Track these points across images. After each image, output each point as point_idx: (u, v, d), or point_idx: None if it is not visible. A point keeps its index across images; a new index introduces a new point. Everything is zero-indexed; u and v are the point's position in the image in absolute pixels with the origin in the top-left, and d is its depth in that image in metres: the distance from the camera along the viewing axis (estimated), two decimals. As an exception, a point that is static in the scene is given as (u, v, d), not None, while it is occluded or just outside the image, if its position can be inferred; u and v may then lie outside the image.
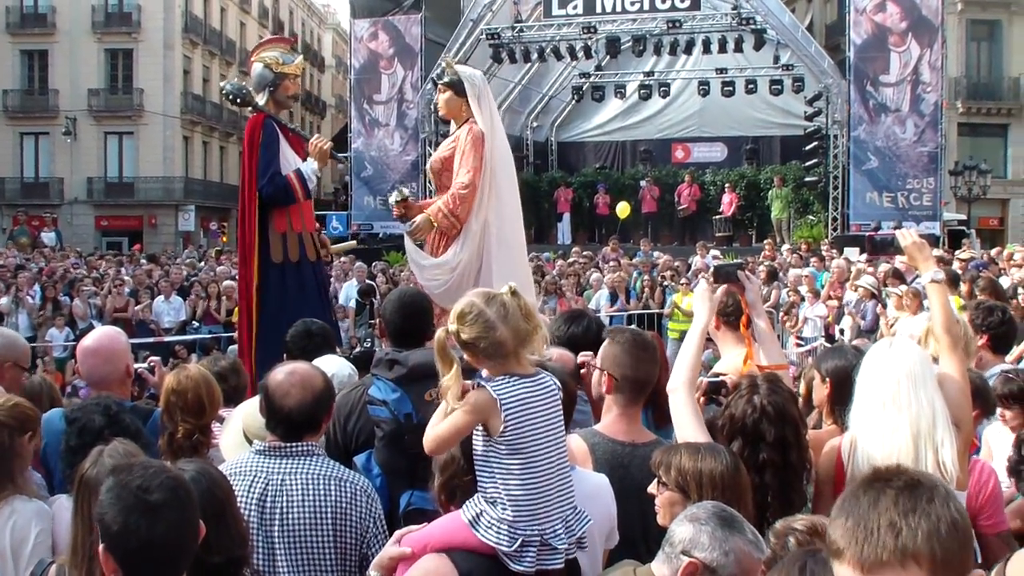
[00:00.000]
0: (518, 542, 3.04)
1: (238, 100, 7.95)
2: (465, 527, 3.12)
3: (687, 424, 3.90)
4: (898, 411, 3.70)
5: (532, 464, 3.08)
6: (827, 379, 4.37)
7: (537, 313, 3.30)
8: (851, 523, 1.99)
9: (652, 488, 3.41)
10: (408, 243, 7.42)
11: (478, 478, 3.18)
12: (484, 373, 3.20)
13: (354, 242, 22.94)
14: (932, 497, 1.99)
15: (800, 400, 4.38)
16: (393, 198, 7.51)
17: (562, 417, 3.24)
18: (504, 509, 3.07)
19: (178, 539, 2.60)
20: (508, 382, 3.15)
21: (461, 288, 6.53)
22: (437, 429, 3.25)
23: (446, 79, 7.42)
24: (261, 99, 7.86)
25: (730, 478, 3.29)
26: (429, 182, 6.81)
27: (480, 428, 3.17)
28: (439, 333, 3.20)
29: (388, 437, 4.50)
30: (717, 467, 3.26)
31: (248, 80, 8.26)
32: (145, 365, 5.73)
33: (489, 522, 3.08)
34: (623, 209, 30.42)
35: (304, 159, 7.77)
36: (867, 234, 24.44)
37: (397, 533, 3.34)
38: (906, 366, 3.75)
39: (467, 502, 3.21)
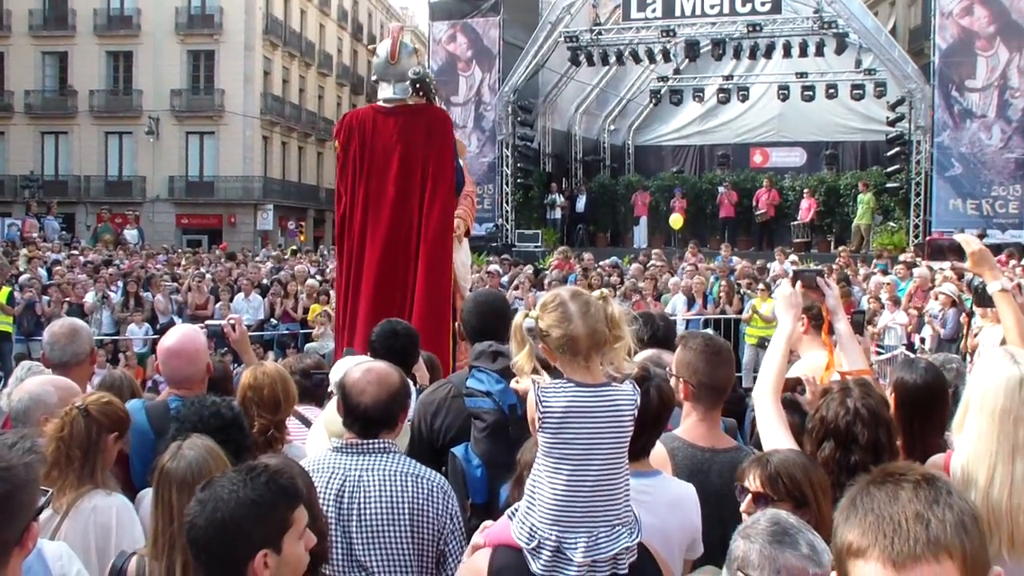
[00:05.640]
0: (535, 542, 2.99)
1: (425, 89, 7.64)
2: (509, 523, 3.11)
3: (774, 430, 3.82)
4: None
5: (561, 471, 3.00)
6: (893, 393, 4.21)
7: (626, 324, 3.18)
8: (872, 519, 1.88)
9: (743, 507, 3.30)
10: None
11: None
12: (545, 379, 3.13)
13: None
14: (950, 490, 1.91)
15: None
16: None
17: (624, 431, 3.10)
18: (531, 506, 3.04)
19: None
20: (560, 387, 3.06)
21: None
22: None
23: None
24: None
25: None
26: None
27: None
28: (517, 316, 3.19)
29: (491, 428, 4.50)
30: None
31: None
32: (225, 321, 5.95)
33: (520, 518, 3.06)
34: (676, 220, 30.39)
35: None
36: (927, 239, 23.95)
37: (484, 524, 3.35)
38: None
39: None
